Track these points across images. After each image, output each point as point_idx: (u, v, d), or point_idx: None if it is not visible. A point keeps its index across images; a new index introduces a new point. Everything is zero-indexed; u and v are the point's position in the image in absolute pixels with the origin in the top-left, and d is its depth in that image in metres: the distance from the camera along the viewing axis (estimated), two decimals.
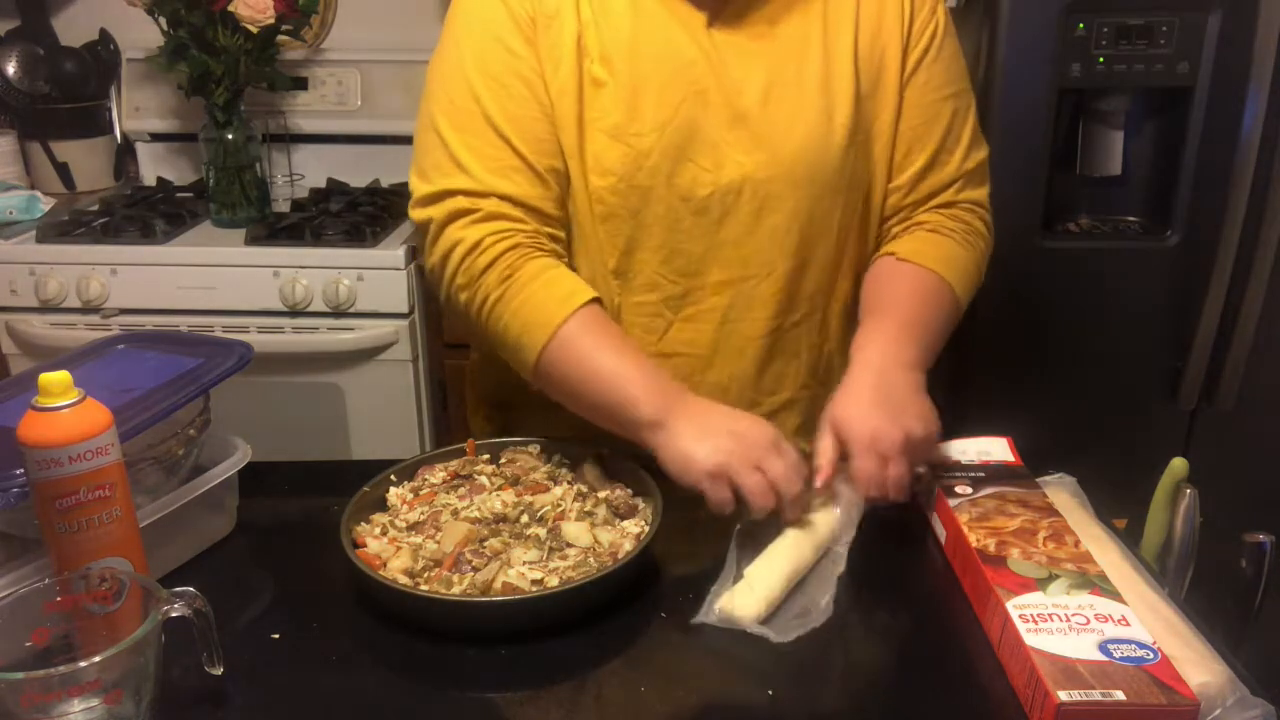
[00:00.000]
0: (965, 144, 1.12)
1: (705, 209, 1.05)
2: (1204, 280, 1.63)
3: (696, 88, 1.03)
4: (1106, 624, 0.76)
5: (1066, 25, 1.56)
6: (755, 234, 1.06)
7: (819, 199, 1.07)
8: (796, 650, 0.81)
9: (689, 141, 1.03)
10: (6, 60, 2.24)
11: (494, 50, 1.03)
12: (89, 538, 0.79)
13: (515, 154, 1.02)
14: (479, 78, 1.03)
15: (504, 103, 1.02)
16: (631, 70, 1.03)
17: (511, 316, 1.01)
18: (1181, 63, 1.57)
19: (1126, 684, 0.70)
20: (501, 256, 1.01)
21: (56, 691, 0.67)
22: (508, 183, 1.02)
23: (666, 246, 1.06)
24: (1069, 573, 0.82)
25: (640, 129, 1.03)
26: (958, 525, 0.90)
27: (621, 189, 1.04)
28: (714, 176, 1.04)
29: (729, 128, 1.04)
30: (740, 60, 1.04)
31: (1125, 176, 1.72)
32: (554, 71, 1.03)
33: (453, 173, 1.03)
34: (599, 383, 0.98)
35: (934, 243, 1.10)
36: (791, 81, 1.04)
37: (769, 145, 1.04)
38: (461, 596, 0.85)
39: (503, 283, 1.01)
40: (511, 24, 1.03)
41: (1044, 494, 0.94)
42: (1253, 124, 1.54)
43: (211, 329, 1.87)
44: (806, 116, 1.04)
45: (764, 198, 1.05)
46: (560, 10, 1.03)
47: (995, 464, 1.00)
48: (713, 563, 0.93)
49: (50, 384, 0.77)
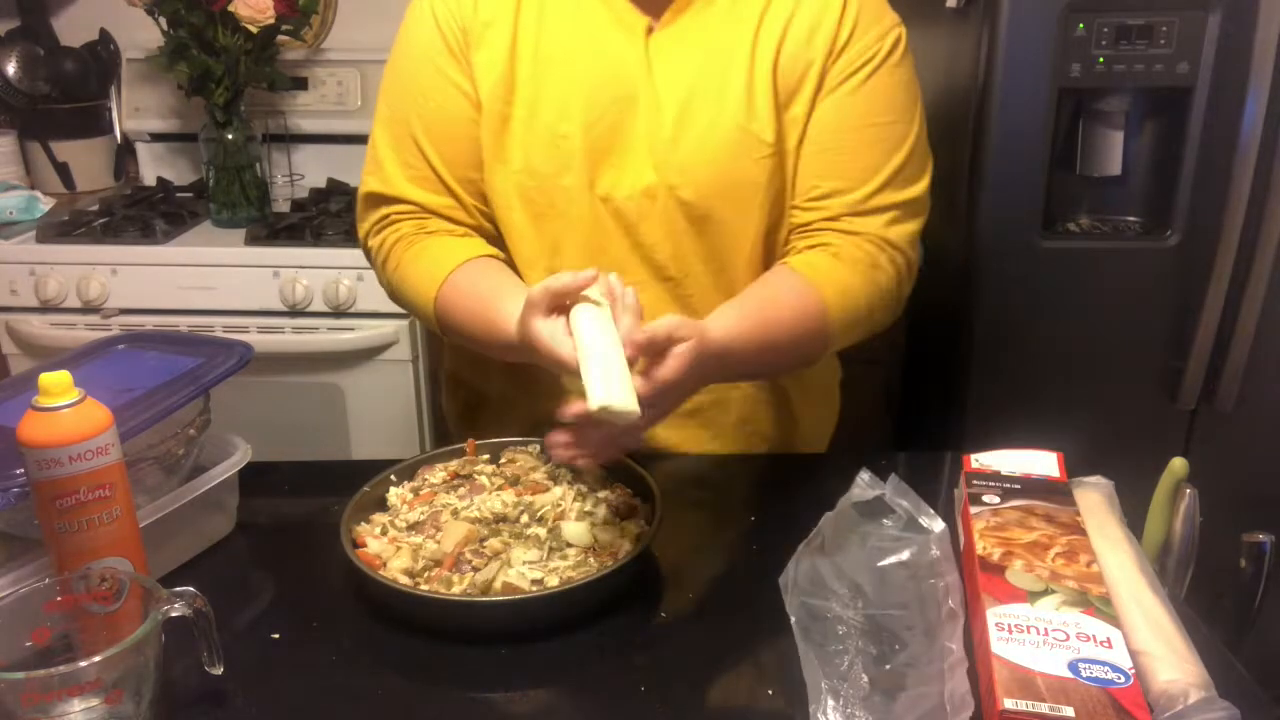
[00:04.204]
0: (881, 179, 1.06)
1: (622, 212, 1.07)
2: (1204, 280, 1.63)
3: (626, 92, 1.05)
4: (1086, 644, 0.75)
5: (1066, 25, 1.56)
6: (670, 239, 1.07)
7: (735, 208, 1.07)
8: (795, 651, 0.81)
9: (611, 145, 1.05)
10: (6, 60, 2.24)
11: (422, 67, 1.09)
12: (89, 538, 0.79)
13: (429, 165, 1.09)
14: (409, 90, 1.10)
15: (425, 116, 1.09)
16: (566, 73, 1.05)
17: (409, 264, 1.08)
18: (1181, 63, 1.57)
19: (1081, 703, 0.69)
20: (403, 237, 1.10)
21: (56, 691, 0.68)
22: (421, 192, 1.10)
23: (590, 247, 1.08)
24: (1067, 590, 0.81)
25: (568, 130, 1.05)
26: (970, 532, 0.90)
27: (549, 189, 1.06)
28: (631, 181, 1.06)
29: (649, 134, 1.05)
30: (671, 67, 1.05)
31: (1125, 176, 1.71)
32: (486, 76, 1.06)
33: (377, 176, 1.12)
34: (478, 302, 1.02)
35: (830, 264, 1.05)
36: (713, 90, 1.05)
37: (683, 154, 1.05)
38: (461, 596, 0.85)
39: (410, 243, 1.09)
40: (441, 41, 1.08)
41: (1075, 512, 0.92)
42: (1253, 124, 1.54)
43: (211, 329, 1.87)
44: (723, 126, 1.04)
45: (677, 204, 1.06)
46: (496, 19, 1.06)
47: (1037, 478, 0.98)
48: (713, 563, 0.93)
49: (50, 384, 0.77)
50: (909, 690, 0.77)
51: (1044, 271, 1.68)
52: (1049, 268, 1.68)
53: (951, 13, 1.74)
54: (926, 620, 0.84)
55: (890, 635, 0.83)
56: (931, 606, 0.86)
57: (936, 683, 0.77)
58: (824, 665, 0.78)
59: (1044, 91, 1.59)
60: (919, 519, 0.97)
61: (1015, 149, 1.63)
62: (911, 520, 0.97)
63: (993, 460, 1.00)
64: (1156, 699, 0.73)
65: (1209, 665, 0.76)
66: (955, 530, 0.96)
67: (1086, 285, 1.69)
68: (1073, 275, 1.69)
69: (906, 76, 1.08)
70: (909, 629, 0.84)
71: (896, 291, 1.10)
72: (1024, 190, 1.65)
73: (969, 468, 1.00)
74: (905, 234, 1.08)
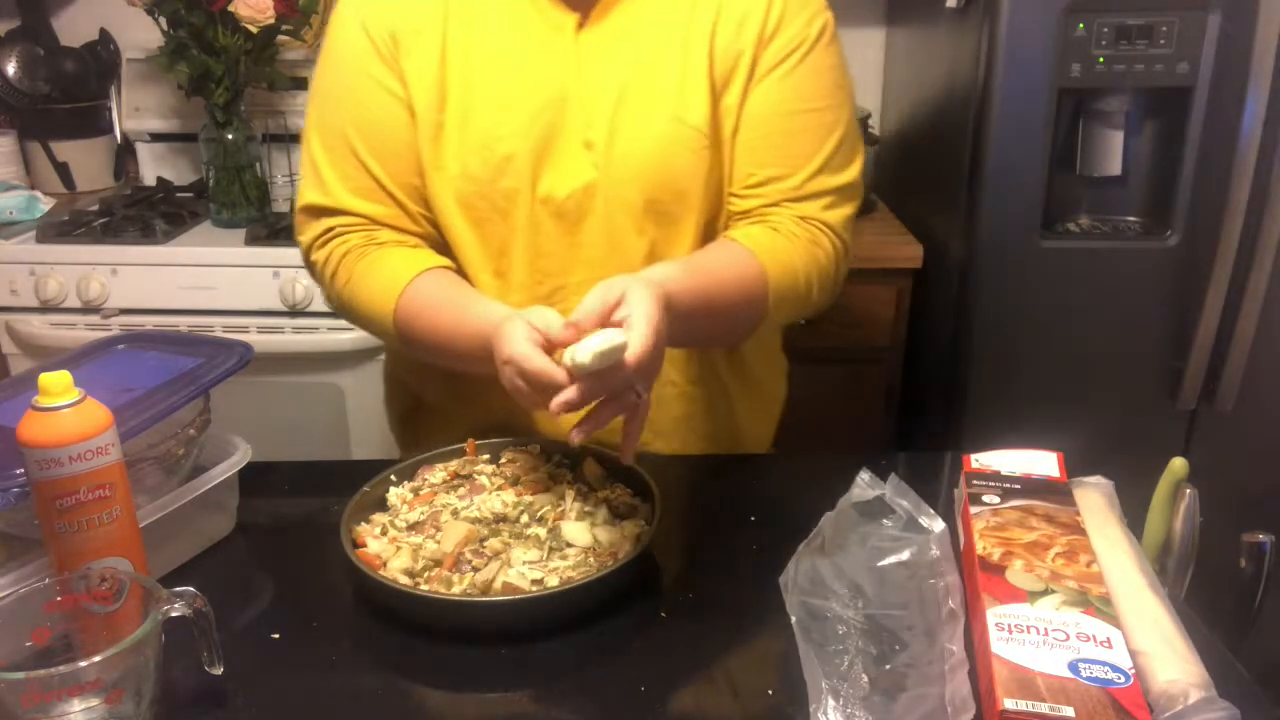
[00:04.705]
0: (816, 164, 1.07)
1: (563, 212, 1.07)
2: (1204, 280, 1.63)
3: (559, 92, 1.05)
4: (1086, 644, 0.75)
5: (1066, 25, 1.56)
6: (611, 236, 1.07)
7: (673, 199, 1.07)
8: (795, 651, 0.81)
9: (548, 146, 1.05)
10: (6, 60, 2.24)
11: (355, 76, 1.07)
12: (89, 538, 0.79)
13: (371, 176, 1.07)
14: (341, 99, 1.08)
15: (361, 125, 1.07)
16: (499, 77, 1.05)
17: (361, 278, 1.06)
18: (1181, 63, 1.57)
19: (1081, 703, 0.70)
20: (351, 250, 1.08)
21: (56, 691, 0.67)
22: (364, 203, 1.08)
23: (533, 248, 1.08)
24: (1067, 590, 0.81)
25: (503, 134, 1.05)
26: (970, 532, 0.90)
27: (489, 193, 1.06)
28: (569, 181, 1.05)
29: (584, 132, 1.05)
30: (602, 64, 1.05)
31: (1125, 176, 1.72)
32: (418, 84, 1.05)
33: (316, 188, 1.10)
34: (442, 311, 1.01)
35: (769, 236, 1.06)
36: (647, 84, 1.05)
37: (620, 150, 1.05)
38: (461, 596, 0.85)
39: (360, 255, 1.07)
40: (370, 48, 1.06)
41: (1075, 512, 0.92)
42: (1253, 124, 1.54)
43: (211, 329, 1.87)
44: (657, 121, 1.05)
45: (617, 201, 1.06)
46: (425, 25, 1.05)
47: (1037, 478, 0.98)
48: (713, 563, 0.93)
49: (50, 384, 0.77)
50: (909, 691, 0.77)
51: (1044, 271, 1.69)
52: (1049, 268, 1.69)
53: (951, 13, 1.74)
54: (926, 620, 0.84)
55: (890, 635, 0.83)
56: (931, 606, 0.86)
57: (937, 684, 0.77)
58: (824, 665, 0.78)
59: (1044, 91, 1.60)
60: (919, 519, 0.97)
61: (1015, 149, 1.63)
62: (911, 520, 0.97)
63: (993, 460, 1.00)
64: (1156, 699, 0.73)
65: (1209, 665, 0.76)
66: (955, 530, 0.96)
67: (1086, 285, 1.69)
68: (1073, 275, 1.69)
69: (835, 61, 1.10)
70: (909, 629, 0.84)
71: (834, 273, 1.11)
72: (1024, 190, 1.65)
73: (969, 468, 1.00)
74: (841, 218, 1.10)
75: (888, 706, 0.75)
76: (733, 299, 1.02)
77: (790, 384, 1.33)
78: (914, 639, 0.82)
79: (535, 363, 0.84)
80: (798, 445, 1.35)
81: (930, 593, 0.88)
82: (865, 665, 0.79)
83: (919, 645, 0.82)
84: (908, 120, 2.13)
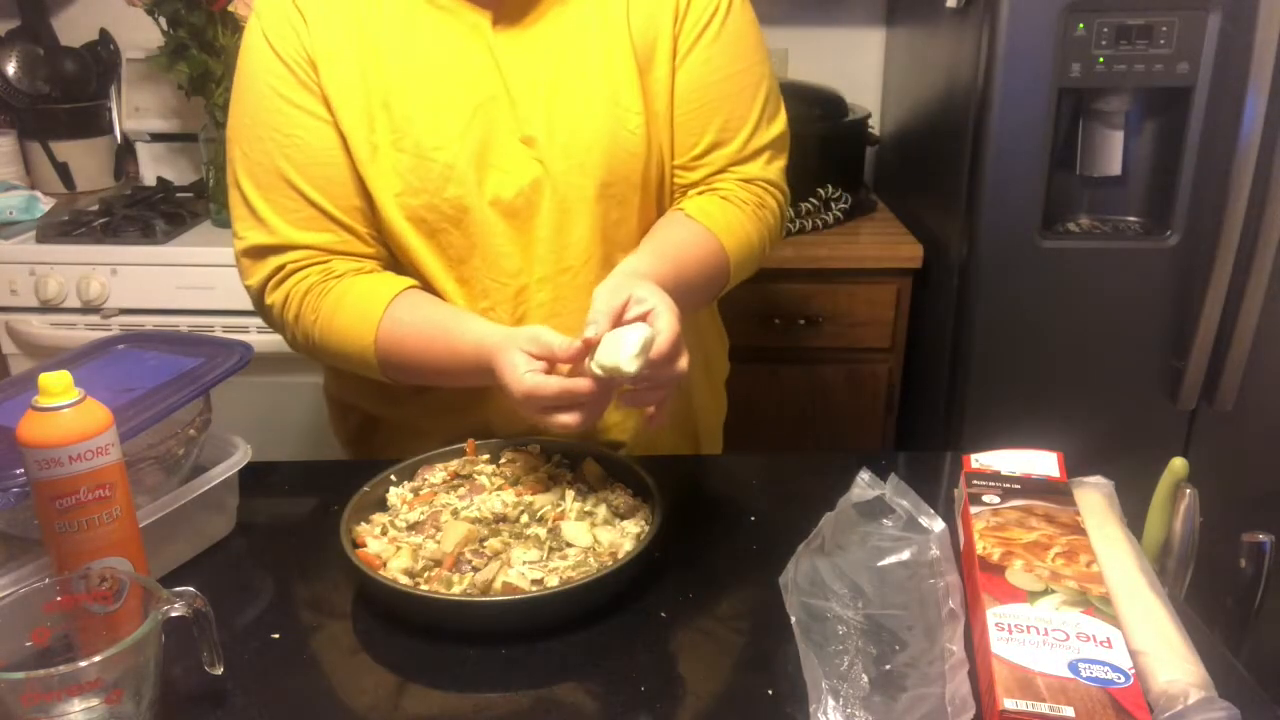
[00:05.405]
0: (752, 123, 1.11)
1: (514, 211, 1.06)
2: (1204, 280, 1.63)
3: (487, 94, 1.04)
4: (1086, 644, 0.75)
5: (1066, 25, 1.56)
6: (564, 227, 1.07)
7: (619, 183, 1.08)
8: (795, 651, 0.81)
9: (486, 148, 1.05)
10: (6, 60, 2.24)
11: (275, 103, 1.04)
12: (89, 538, 0.79)
13: (312, 205, 1.05)
14: (266, 133, 1.05)
15: (293, 156, 1.04)
16: (424, 87, 1.04)
17: (330, 316, 1.04)
18: (1181, 63, 1.57)
19: (1081, 703, 0.70)
20: (312, 288, 1.05)
21: (56, 691, 0.67)
22: (309, 235, 1.05)
23: (491, 250, 1.07)
24: (1067, 590, 0.81)
25: (440, 142, 1.04)
26: (970, 532, 0.90)
27: (437, 204, 1.05)
28: (515, 179, 1.05)
29: (521, 129, 1.05)
30: (524, 60, 1.05)
31: (1125, 176, 1.72)
32: (343, 106, 1.03)
33: (256, 228, 1.06)
34: (429, 331, 1.01)
35: (721, 207, 1.09)
36: (575, 74, 1.06)
37: (560, 141, 1.05)
38: (461, 596, 0.85)
39: (323, 292, 1.04)
40: (286, 73, 1.04)
41: (1075, 512, 0.92)
42: (1253, 124, 1.54)
43: (211, 329, 1.87)
44: (592, 107, 1.06)
45: (565, 190, 1.06)
46: (339, 45, 1.04)
47: (1037, 478, 0.98)
48: (713, 563, 0.93)
49: (50, 384, 0.77)
50: (909, 691, 0.77)
51: (1044, 271, 1.69)
52: (1049, 268, 1.69)
53: (951, 13, 1.74)
54: (926, 620, 0.84)
55: (890, 635, 0.83)
56: (931, 606, 0.86)
57: (937, 684, 0.77)
58: (824, 665, 0.78)
59: (1044, 91, 1.60)
60: (919, 519, 0.97)
61: (1015, 149, 1.63)
62: (911, 520, 0.97)
63: (993, 460, 1.01)
64: (1156, 699, 0.73)
65: (1209, 665, 0.76)
66: (955, 530, 0.96)
67: (1086, 285, 1.69)
68: (1073, 275, 1.69)
69: (749, 18, 1.13)
70: (909, 629, 0.84)
71: (779, 228, 1.16)
72: (1024, 190, 1.65)
73: (969, 468, 1.00)
74: (779, 170, 1.15)
75: (888, 706, 0.75)
76: (701, 276, 1.06)
77: (732, 361, 1.36)
78: (914, 639, 0.82)
79: (551, 387, 0.88)
80: (797, 445, 1.36)
81: (930, 593, 0.88)
82: (865, 665, 0.79)
83: (919, 645, 0.82)
84: (908, 120, 2.13)
